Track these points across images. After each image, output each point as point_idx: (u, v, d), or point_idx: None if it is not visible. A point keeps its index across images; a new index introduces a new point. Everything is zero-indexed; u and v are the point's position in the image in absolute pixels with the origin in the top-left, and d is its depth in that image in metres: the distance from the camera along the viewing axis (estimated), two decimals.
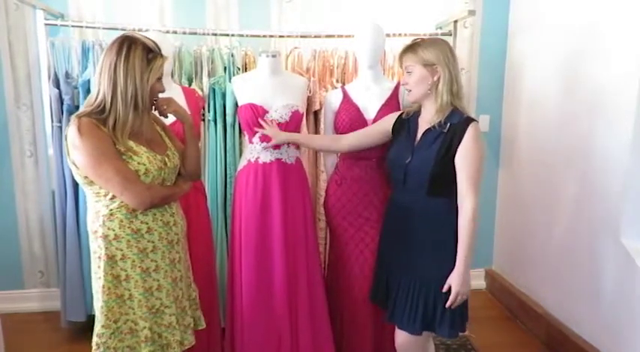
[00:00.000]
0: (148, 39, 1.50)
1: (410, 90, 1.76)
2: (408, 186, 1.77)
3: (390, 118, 1.93)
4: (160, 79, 1.53)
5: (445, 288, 1.66)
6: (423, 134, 1.75)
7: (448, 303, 1.64)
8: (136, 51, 1.43)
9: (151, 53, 1.47)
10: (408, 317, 1.74)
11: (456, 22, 2.76)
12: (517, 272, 3.06)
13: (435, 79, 1.69)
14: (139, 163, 1.47)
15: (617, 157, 2.14)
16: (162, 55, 1.51)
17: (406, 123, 1.85)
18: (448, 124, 1.67)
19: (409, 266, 1.77)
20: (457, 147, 1.64)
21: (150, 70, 1.46)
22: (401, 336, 1.82)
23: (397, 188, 1.87)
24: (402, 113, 1.91)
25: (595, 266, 2.29)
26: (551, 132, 2.64)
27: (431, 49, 1.68)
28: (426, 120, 1.75)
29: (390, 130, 1.90)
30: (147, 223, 1.53)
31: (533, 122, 2.83)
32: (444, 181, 1.67)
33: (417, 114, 1.83)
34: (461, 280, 1.63)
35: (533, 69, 2.83)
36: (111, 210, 1.49)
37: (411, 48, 1.72)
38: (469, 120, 1.66)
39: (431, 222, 1.72)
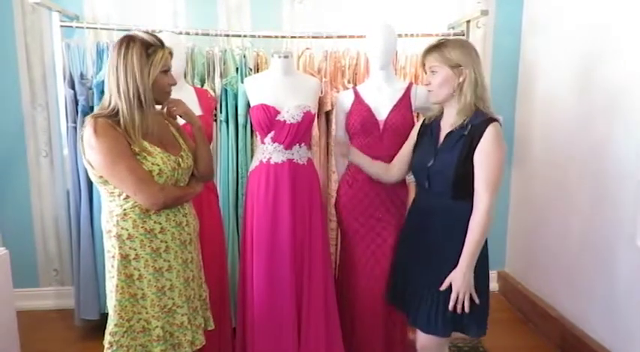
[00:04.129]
0: (149, 34, 1.50)
1: (431, 91, 1.73)
2: (432, 190, 1.74)
3: (415, 129, 1.93)
4: (166, 71, 1.53)
5: (444, 286, 1.63)
6: (445, 137, 1.72)
7: (451, 304, 1.63)
8: (133, 48, 1.44)
9: (151, 47, 1.47)
10: (435, 320, 1.70)
11: (468, 22, 2.75)
12: (530, 275, 3.02)
13: (461, 80, 1.66)
14: (152, 164, 1.48)
15: (632, 159, 2.11)
16: (163, 47, 1.50)
17: (428, 128, 1.83)
18: (470, 126, 1.64)
19: (434, 270, 1.72)
20: (476, 148, 1.62)
21: (150, 64, 1.46)
22: (423, 339, 1.77)
23: (421, 191, 1.85)
24: (424, 119, 1.89)
25: (610, 270, 2.26)
26: (566, 134, 2.60)
27: (458, 50, 1.66)
28: (448, 122, 1.72)
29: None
30: (160, 223, 1.54)
31: (547, 123, 2.80)
32: (468, 184, 1.63)
33: (438, 117, 1.80)
34: (461, 279, 1.61)
35: (547, 69, 2.80)
36: (124, 209, 1.50)
37: (437, 48, 1.69)
38: (490, 120, 1.63)
39: (455, 225, 1.68)
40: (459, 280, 1.61)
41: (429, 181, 1.74)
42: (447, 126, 1.73)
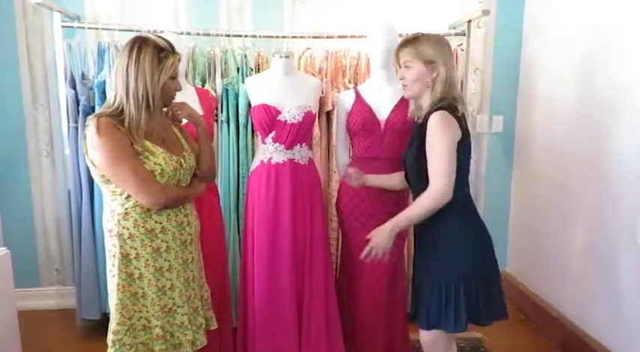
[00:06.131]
0: (161, 38, 1.51)
1: (405, 86, 1.74)
2: (410, 183, 1.78)
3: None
4: (174, 77, 1.54)
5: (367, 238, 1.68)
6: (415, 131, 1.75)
7: (363, 254, 1.66)
8: (146, 51, 1.45)
9: (163, 52, 1.48)
10: (421, 311, 1.73)
11: (469, 21, 2.74)
12: (532, 275, 3.02)
13: (434, 76, 1.66)
14: (155, 163, 1.49)
15: (633, 159, 2.11)
16: (174, 53, 1.51)
17: (418, 125, 1.84)
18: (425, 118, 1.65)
19: (426, 265, 1.74)
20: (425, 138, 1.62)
21: (161, 69, 1.47)
22: (423, 335, 1.78)
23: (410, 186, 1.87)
24: (415, 119, 1.90)
25: (611, 269, 2.25)
26: (567, 134, 2.60)
27: (432, 46, 1.66)
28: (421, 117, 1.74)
29: None
30: (161, 223, 1.54)
31: (549, 123, 2.80)
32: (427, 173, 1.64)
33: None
34: (380, 235, 1.65)
35: (549, 69, 2.80)
36: (126, 209, 1.50)
37: (411, 43, 1.69)
38: (436, 109, 1.62)
39: (439, 219, 1.67)
40: (377, 235, 1.66)
41: (406, 175, 1.76)
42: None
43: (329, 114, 2.62)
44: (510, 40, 3.08)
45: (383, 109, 2.12)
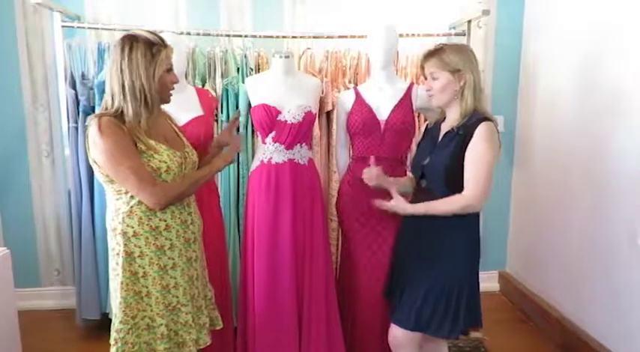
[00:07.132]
0: (150, 33, 1.50)
1: (432, 95, 1.75)
2: (427, 188, 1.76)
3: (420, 133, 1.95)
4: (169, 70, 1.53)
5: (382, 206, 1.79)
6: (443, 137, 1.75)
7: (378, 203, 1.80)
8: (138, 48, 1.44)
9: (155, 46, 1.47)
10: (407, 312, 1.74)
11: (469, 22, 2.74)
12: (531, 275, 3.02)
13: (462, 84, 1.68)
14: (160, 161, 1.49)
15: (634, 159, 2.11)
16: (166, 46, 1.50)
17: (430, 131, 1.85)
18: (464, 126, 1.66)
19: (427, 267, 1.74)
20: (468, 146, 1.63)
21: (155, 63, 1.46)
22: (394, 330, 1.81)
23: (417, 189, 1.86)
24: (427, 124, 1.91)
25: (611, 270, 2.26)
26: (567, 134, 2.60)
27: (457, 55, 1.68)
28: (448, 124, 1.74)
29: None
30: (165, 220, 1.54)
31: (549, 123, 2.80)
32: (459, 182, 1.65)
33: (440, 120, 1.82)
34: (399, 208, 1.75)
35: (549, 69, 2.80)
36: (131, 206, 1.50)
37: (436, 54, 1.71)
38: (483, 119, 1.65)
39: (445, 224, 1.69)
40: (397, 208, 1.76)
41: (422, 179, 1.76)
42: (446, 127, 1.75)
43: (329, 114, 2.62)
44: (510, 40, 3.08)
45: (383, 109, 2.12)
